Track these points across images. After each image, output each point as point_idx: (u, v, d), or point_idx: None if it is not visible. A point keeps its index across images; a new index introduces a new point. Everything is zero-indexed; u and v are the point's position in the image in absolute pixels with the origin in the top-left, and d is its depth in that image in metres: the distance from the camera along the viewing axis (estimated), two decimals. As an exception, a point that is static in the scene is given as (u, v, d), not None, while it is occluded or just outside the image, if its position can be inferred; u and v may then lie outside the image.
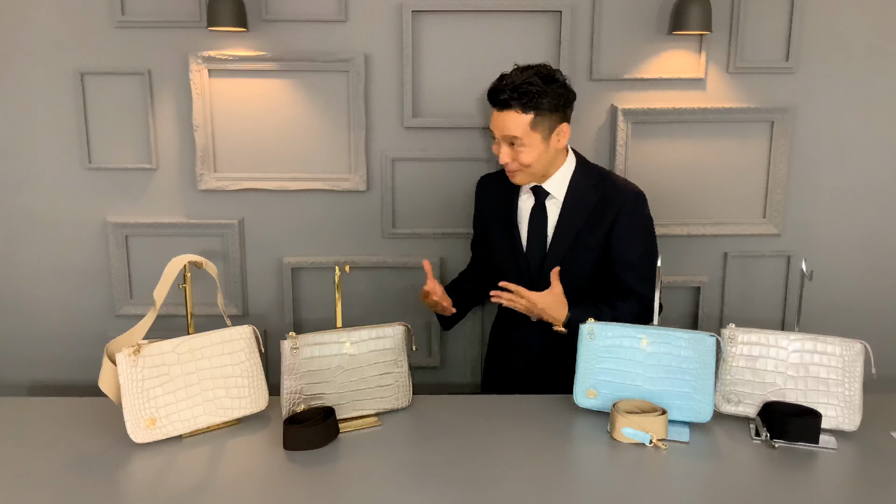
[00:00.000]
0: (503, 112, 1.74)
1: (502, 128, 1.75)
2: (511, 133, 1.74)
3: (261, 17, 2.22)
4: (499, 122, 1.76)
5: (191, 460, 1.37)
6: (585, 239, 1.82)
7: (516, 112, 1.72)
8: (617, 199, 1.83)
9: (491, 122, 1.80)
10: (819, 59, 2.26)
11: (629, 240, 1.83)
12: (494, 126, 1.78)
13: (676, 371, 1.49)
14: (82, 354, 2.40)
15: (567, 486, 1.29)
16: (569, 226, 1.82)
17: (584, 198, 1.84)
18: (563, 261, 1.81)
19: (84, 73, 2.24)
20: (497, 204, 1.93)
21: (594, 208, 1.82)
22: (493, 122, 1.78)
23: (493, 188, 1.97)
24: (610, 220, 1.81)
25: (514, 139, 1.74)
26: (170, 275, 1.47)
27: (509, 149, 1.77)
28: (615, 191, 1.84)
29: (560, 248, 1.83)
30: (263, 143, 2.31)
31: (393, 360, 1.55)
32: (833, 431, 1.47)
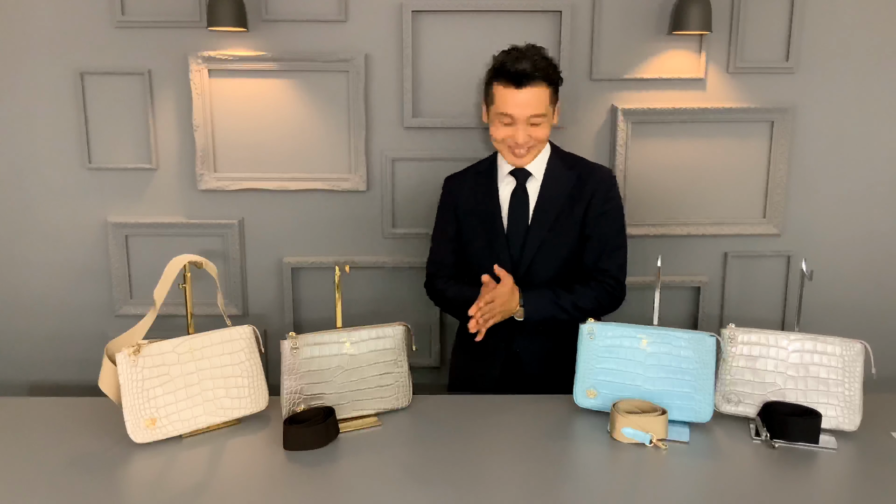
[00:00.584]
0: (526, 89, 1.69)
1: (526, 106, 1.70)
2: (536, 111, 1.71)
3: (261, 17, 2.22)
4: (521, 100, 1.70)
5: (191, 460, 1.37)
6: (564, 219, 1.82)
7: (540, 87, 1.70)
8: (593, 180, 1.84)
9: (501, 104, 1.72)
10: (819, 59, 2.26)
11: (601, 219, 1.84)
12: (514, 105, 1.71)
13: (676, 371, 1.49)
14: (82, 354, 2.40)
15: (567, 486, 1.29)
16: (549, 204, 1.81)
17: (561, 177, 1.83)
18: (544, 241, 1.81)
19: (84, 73, 2.24)
20: (473, 199, 1.89)
21: (572, 188, 1.82)
22: (510, 102, 1.71)
23: (464, 186, 1.92)
24: (586, 199, 1.82)
25: (539, 117, 1.71)
26: (170, 275, 1.47)
27: (527, 127, 1.73)
28: (589, 172, 1.85)
29: (541, 227, 1.81)
30: (263, 143, 2.31)
31: (393, 360, 1.55)
32: (833, 431, 1.47)
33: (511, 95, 1.71)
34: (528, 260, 1.81)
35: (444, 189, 1.97)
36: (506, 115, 1.73)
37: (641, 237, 2.36)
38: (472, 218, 1.88)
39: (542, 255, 1.81)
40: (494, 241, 1.84)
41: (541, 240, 1.81)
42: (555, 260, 1.82)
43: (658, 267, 1.53)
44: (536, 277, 1.82)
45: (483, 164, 1.93)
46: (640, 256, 2.37)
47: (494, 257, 1.82)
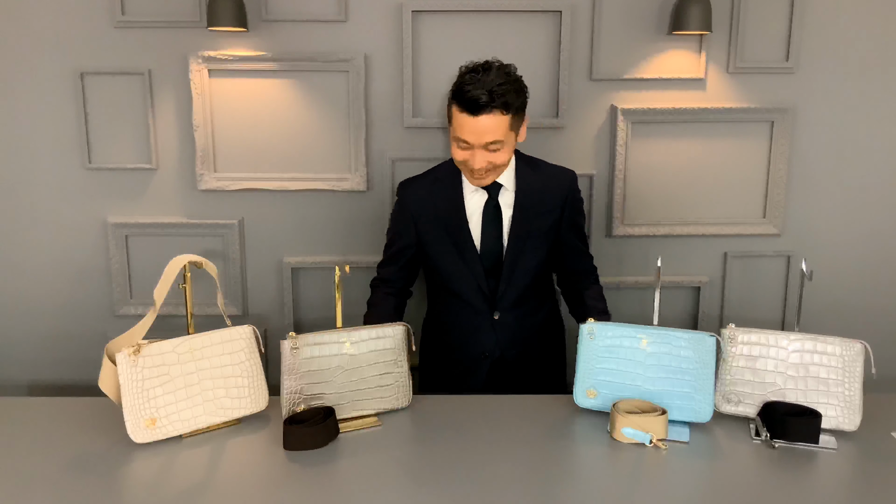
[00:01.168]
0: (481, 117, 1.61)
1: (482, 133, 1.63)
2: (494, 138, 1.64)
3: (261, 17, 2.22)
4: (477, 127, 1.62)
5: (191, 460, 1.37)
6: (538, 227, 1.80)
7: (497, 115, 1.62)
8: (560, 183, 1.83)
9: (457, 127, 1.66)
10: (819, 59, 2.26)
11: (575, 225, 1.87)
12: (470, 132, 1.63)
13: (676, 371, 1.49)
14: (82, 354, 2.40)
15: (567, 486, 1.29)
16: (525, 217, 1.79)
17: (530, 185, 1.79)
18: (520, 253, 1.79)
19: (84, 73, 2.24)
20: (435, 210, 1.80)
21: (543, 196, 1.80)
22: (466, 129, 1.64)
23: (426, 194, 1.83)
24: (559, 203, 1.81)
25: (495, 144, 1.65)
26: (170, 275, 1.47)
27: (485, 153, 1.66)
28: (554, 174, 1.84)
29: (518, 240, 1.78)
30: (263, 143, 2.31)
31: (393, 360, 1.55)
32: (833, 431, 1.47)
33: (466, 122, 1.63)
34: (507, 272, 1.79)
35: (400, 195, 1.87)
36: (461, 140, 1.67)
37: (641, 237, 2.36)
38: (436, 230, 1.81)
39: (521, 264, 1.80)
40: (465, 254, 1.80)
41: (518, 251, 1.79)
42: (532, 267, 1.82)
43: (658, 267, 1.53)
44: (514, 287, 1.81)
45: (442, 169, 1.85)
46: (640, 256, 2.37)
47: (467, 270, 1.80)
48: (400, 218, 1.87)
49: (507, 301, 1.81)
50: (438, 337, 1.94)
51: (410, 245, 1.86)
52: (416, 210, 1.83)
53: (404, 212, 1.85)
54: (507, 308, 1.82)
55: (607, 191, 2.34)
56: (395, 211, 1.89)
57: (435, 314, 1.96)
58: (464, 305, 1.84)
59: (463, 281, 1.81)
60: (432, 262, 1.86)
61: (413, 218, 1.84)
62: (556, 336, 1.96)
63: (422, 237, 1.84)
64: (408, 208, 1.84)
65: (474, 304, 1.83)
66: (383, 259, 1.92)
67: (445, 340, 1.91)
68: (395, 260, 1.88)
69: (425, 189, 1.84)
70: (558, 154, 2.27)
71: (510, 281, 1.80)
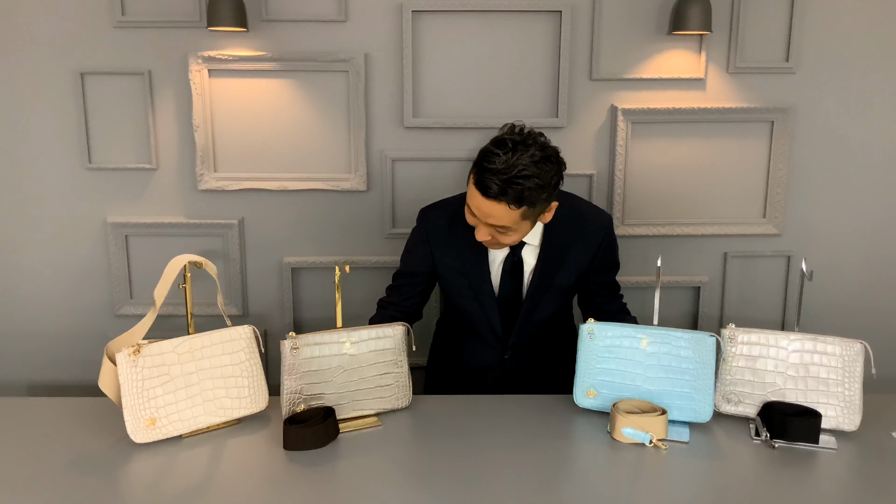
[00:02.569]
0: (490, 201, 1.49)
1: (486, 215, 1.52)
2: (500, 223, 1.52)
3: (261, 17, 2.22)
4: (484, 208, 1.50)
5: (191, 460, 1.37)
6: (563, 277, 1.73)
7: (505, 206, 1.49)
8: (595, 231, 1.73)
9: (468, 193, 1.55)
10: (819, 59, 2.26)
11: (608, 269, 1.81)
12: (476, 208, 1.53)
13: (676, 371, 1.49)
14: (82, 354, 2.40)
15: (567, 486, 1.29)
16: (548, 271, 1.71)
17: (560, 239, 1.70)
18: (540, 303, 1.75)
19: (84, 73, 2.24)
20: (458, 252, 1.71)
21: (569, 247, 1.71)
22: (474, 202, 1.52)
23: (447, 230, 1.72)
24: (591, 252, 1.73)
25: (502, 228, 1.54)
26: (170, 275, 1.47)
27: (492, 230, 1.55)
28: (588, 221, 1.73)
29: (538, 293, 1.73)
30: (263, 143, 2.31)
31: (393, 360, 1.55)
32: (833, 431, 1.47)
33: (475, 196, 1.52)
34: (522, 321, 1.75)
35: (421, 224, 1.77)
36: (470, 207, 1.56)
37: (641, 237, 2.36)
38: (455, 270, 1.74)
39: (538, 313, 1.76)
40: (483, 299, 1.73)
41: (536, 303, 1.74)
42: (549, 314, 1.78)
43: (658, 267, 1.53)
44: (528, 333, 1.78)
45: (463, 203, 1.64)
46: (640, 256, 2.37)
47: (482, 311, 1.75)
48: (418, 250, 1.77)
49: (519, 343, 1.80)
50: (448, 350, 1.91)
51: (425, 275, 1.78)
52: (436, 244, 1.74)
53: (424, 245, 1.76)
54: (519, 351, 1.81)
55: (607, 191, 2.34)
56: (413, 240, 1.80)
57: (448, 329, 1.93)
58: (476, 338, 1.82)
59: (477, 321, 1.78)
60: (448, 294, 1.81)
61: (432, 252, 1.75)
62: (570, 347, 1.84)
63: (439, 271, 1.77)
64: (427, 241, 1.75)
65: (486, 340, 1.81)
66: (395, 285, 1.83)
67: (452, 359, 1.89)
68: (407, 288, 1.80)
69: (446, 223, 1.73)
70: (558, 154, 2.27)
71: (523, 329, 1.77)
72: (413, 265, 1.79)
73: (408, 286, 1.81)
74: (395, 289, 1.83)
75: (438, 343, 1.97)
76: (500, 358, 1.81)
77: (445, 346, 1.94)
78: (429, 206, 1.80)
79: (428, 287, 1.83)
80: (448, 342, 1.93)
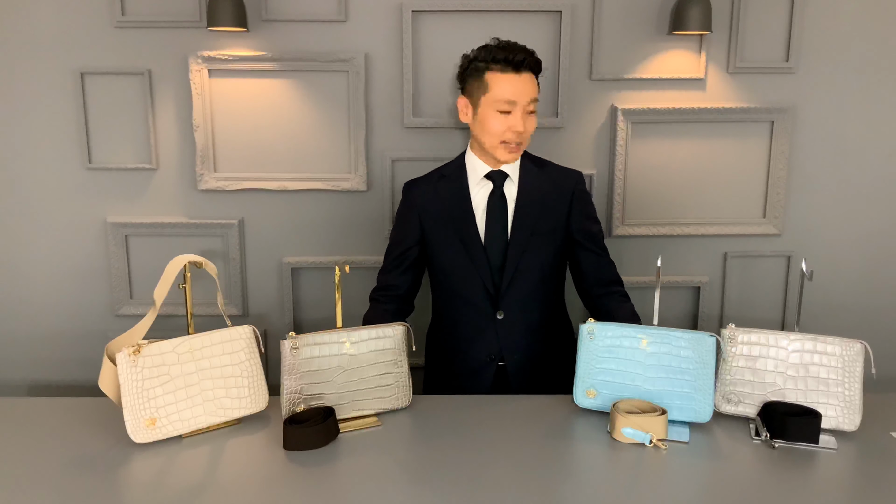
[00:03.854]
0: (524, 74, 1.70)
1: (525, 91, 1.70)
2: (534, 95, 1.71)
3: (261, 17, 2.22)
4: (520, 85, 1.69)
5: (191, 460, 1.37)
6: (544, 222, 1.80)
7: (532, 75, 1.72)
8: (567, 181, 1.84)
9: (499, 91, 1.70)
10: (819, 59, 2.26)
11: (588, 220, 1.85)
12: (518, 91, 1.70)
13: (676, 371, 1.49)
14: (82, 354, 2.40)
15: (567, 486, 1.29)
16: (529, 207, 1.79)
17: (535, 179, 1.81)
18: (526, 247, 1.78)
19: (84, 73, 2.24)
20: (441, 205, 1.81)
21: (548, 189, 1.81)
22: (511, 88, 1.70)
23: (431, 191, 1.84)
24: (566, 200, 1.82)
25: (535, 102, 1.72)
26: (170, 275, 1.47)
27: (524, 116, 1.71)
28: (560, 172, 1.86)
29: (523, 231, 1.78)
30: (263, 143, 2.31)
31: (393, 360, 1.55)
32: (833, 431, 1.47)
33: (511, 81, 1.69)
34: (511, 267, 1.78)
35: (406, 195, 1.88)
36: (507, 102, 1.70)
37: (641, 237, 2.36)
38: (442, 225, 1.81)
39: (525, 261, 1.78)
40: (471, 248, 1.79)
41: (523, 246, 1.77)
42: (537, 267, 1.80)
43: (658, 267, 1.53)
44: (518, 285, 1.79)
45: (449, 167, 1.87)
46: (640, 256, 2.37)
47: (472, 265, 1.78)
48: (405, 217, 1.86)
49: (510, 299, 1.79)
50: (442, 342, 1.92)
51: (415, 245, 1.85)
52: (422, 207, 1.83)
53: (410, 210, 1.85)
54: (512, 308, 1.80)
55: (607, 191, 2.34)
56: (400, 212, 1.89)
57: (439, 320, 1.94)
58: (468, 306, 1.82)
59: (467, 278, 1.80)
60: (437, 261, 1.85)
61: (419, 216, 1.84)
62: (565, 342, 1.92)
63: (427, 235, 1.84)
64: (414, 206, 1.84)
65: (478, 304, 1.81)
66: (385, 265, 1.89)
67: (449, 345, 1.89)
68: (399, 263, 1.86)
69: (431, 186, 1.85)
70: (558, 154, 2.27)
71: (514, 278, 1.78)
72: (402, 236, 1.86)
73: (398, 260, 1.86)
74: (386, 270, 1.88)
75: (433, 339, 1.97)
76: (494, 320, 1.80)
77: (440, 335, 1.93)
78: (411, 179, 1.91)
79: (418, 260, 1.87)
80: (442, 329, 1.92)
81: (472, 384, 1.84)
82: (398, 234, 1.88)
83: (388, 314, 1.83)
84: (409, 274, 1.87)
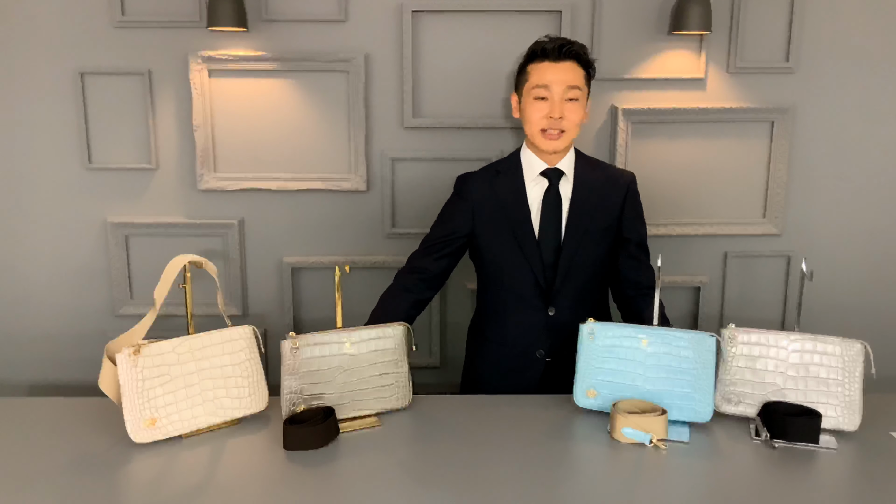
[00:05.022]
0: (563, 63, 1.72)
1: (565, 77, 1.72)
2: (575, 82, 1.72)
3: (261, 17, 2.22)
4: (558, 73, 1.72)
5: (191, 460, 1.37)
6: (598, 221, 1.80)
7: (576, 64, 1.73)
8: (620, 181, 1.84)
9: (537, 78, 1.73)
10: (819, 59, 2.26)
11: (637, 221, 1.85)
12: (552, 77, 1.72)
13: (676, 371, 1.49)
14: (82, 354, 2.40)
15: (567, 486, 1.29)
16: (583, 206, 1.79)
17: (590, 178, 1.82)
18: (579, 245, 1.77)
19: (84, 73, 2.24)
20: (497, 200, 1.80)
21: (603, 189, 1.81)
22: (548, 74, 1.72)
23: (486, 185, 1.83)
24: (619, 201, 1.82)
25: (575, 90, 1.72)
26: (170, 275, 1.47)
27: (563, 103, 1.73)
28: (614, 172, 1.87)
29: (577, 230, 1.77)
30: (263, 143, 2.31)
31: (393, 361, 1.55)
32: (833, 431, 1.47)
33: (548, 68, 1.73)
34: (565, 264, 1.77)
35: (459, 187, 1.87)
36: (541, 88, 1.73)
37: (641, 237, 2.36)
38: (496, 221, 1.80)
39: (578, 259, 1.78)
40: (525, 245, 1.78)
41: (577, 244, 1.77)
42: (589, 264, 1.79)
43: (658, 267, 1.53)
44: (571, 282, 1.78)
45: (504, 163, 1.87)
46: (640, 256, 2.37)
47: (525, 262, 1.78)
48: (458, 208, 1.84)
49: (563, 297, 1.78)
50: (490, 335, 1.88)
51: (463, 235, 1.83)
52: (477, 200, 1.82)
53: (464, 202, 1.84)
54: (563, 305, 1.79)
55: (607, 191, 2.34)
56: (452, 202, 1.87)
57: (485, 315, 1.90)
58: (519, 302, 1.81)
59: (520, 274, 1.79)
60: (489, 256, 1.83)
61: (473, 209, 1.82)
62: None
63: (479, 229, 1.82)
64: (468, 199, 1.83)
65: (530, 300, 1.79)
66: (421, 249, 1.86)
67: (497, 338, 1.86)
68: (439, 249, 1.83)
69: (486, 181, 1.84)
70: (558, 154, 2.27)
71: (567, 275, 1.77)
72: (451, 224, 1.84)
73: (441, 244, 1.84)
74: (421, 254, 1.86)
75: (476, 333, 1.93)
76: (545, 317, 1.79)
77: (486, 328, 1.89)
78: (466, 173, 1.89)
79: (462, 247, 1.86)
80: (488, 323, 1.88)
81: (520, 380, 1.82)
82: (446, 222, 1.86)
83: (409, 293, 1.82)
84: (444, 261, 1.85)
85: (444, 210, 1.89)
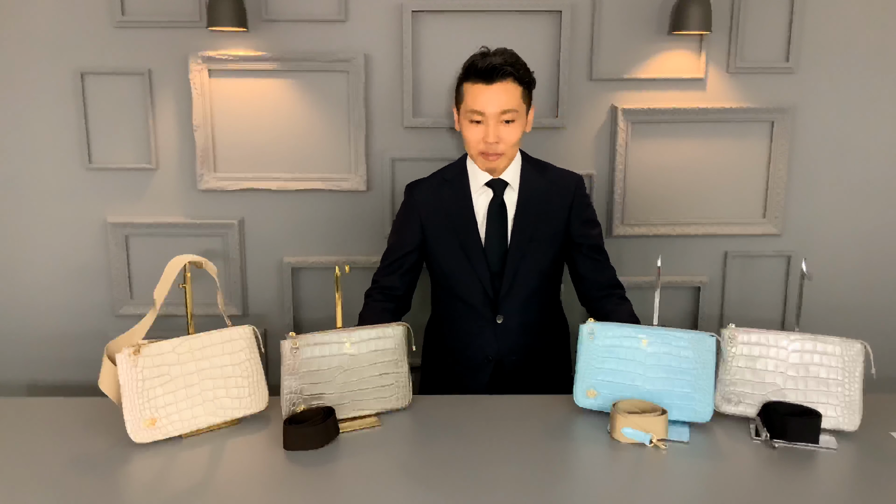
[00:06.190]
0: (497, 84, 1.66)
1: (499, 102, 1.67)
2: (508, 106, 1.68)
3: (261, 17, 2.22)
4: (493, 96, 1.67)
5: (191, 460, 1.37)
6: (543, 229, 1.79)
7: (513, 83, 1.68)
8: (567, 185, 1.83)
9: (471, 101, 1.69)
10: (819, 59, 2.26)
11: (587, 225, 1.84)
12: (485, 102, 1.67)
13: (676, 371, 1.49)
14: (82, 354, 2.40)
15: (567, 486, 1.29)
16: (529, 215, 1.79)
17: (536, 186, 1.80)
18: (525, 254, 1.78)
19: (84, 73, 2.24)
20: (444, 210, 1.81)
21: (548, 196, 1.80)
22: (481, 98, 1.68)
23: (433, 195, 1.83)
24: (565, 206, 1.81)
25: (510, 113, 1.68)
26: (170, 275, 1.47)
27: (499, 126, 1.69)
28: (560, 176, 1.85)
29: (522, 239, 1.78)
30: (263, 143, 2.31)
31: (393, 361, 1.55)
32: (833, 431, 1.47)
33: (481, 91, 1.68)
34: (510, 273, 1.78)
35: (408, 197, 1.87)
36: (476, 112, 1.69)
37: (641, 237, 2.36)
38: (443, 230, 1.81)
39: (524, 267, 1.79)
40: (471, 254, 1.79)
41: (522, 252, 1.78)
42: (535, 272, 1.80)
43: (658, 267, 1.53)
44: (517, 290, 1.80)
45: (450, 170, 1.86)
46: (640, 256, 2.37)
47: (472, 271, 1.79)
48: (407, 219, 1.86)
49: (509, 304, 1.80)
50: (441, 341, 1.93)
51: (415, 249, 1.85)
52: (424, 210, 1.83)
53: (412, 213, 1.85)
54: (510, 312, 1.81)
55: (607, 191, 2.34)
56: (402, 213, 1.88)
57: (438, 318, 1.95)
58: (467, 309, 1.83)
59: (467, 283, 1.81)
60: (437, 265, 1.85)
61: (420, 219, 1.83)
62: (560, 339, 1.93)
63: (428, 239, 1.83)
64: (416, 209, 1.84)
65: (478, 308, 1.81)
66: (383, 266, 1.88)
67: (448, 344, 1.90)
68: (398, 266, 1.85)
69: (433, 189, 1.85)
70: (558, 154, 2.27)
71: (513, 283, 1.79)
72: (403, 238, 1.85)
73: (398, 262, 1.85)
74: (384, 270, 1.87)
75: (431, 337, 1.98)
76: (493, 325, 1.81)
77: (438, 334, 1.94)
78: (413, 181, 1.90)
79: (417, 263, 1.87)
80: (440, 329, 1.93)
81: (470, 382, 1.85)
82: (399, 237, 1.87)
83: (388, 313, 1.83)
84: (409, 276, 1.87)
85: (396, 220, 1.91)
